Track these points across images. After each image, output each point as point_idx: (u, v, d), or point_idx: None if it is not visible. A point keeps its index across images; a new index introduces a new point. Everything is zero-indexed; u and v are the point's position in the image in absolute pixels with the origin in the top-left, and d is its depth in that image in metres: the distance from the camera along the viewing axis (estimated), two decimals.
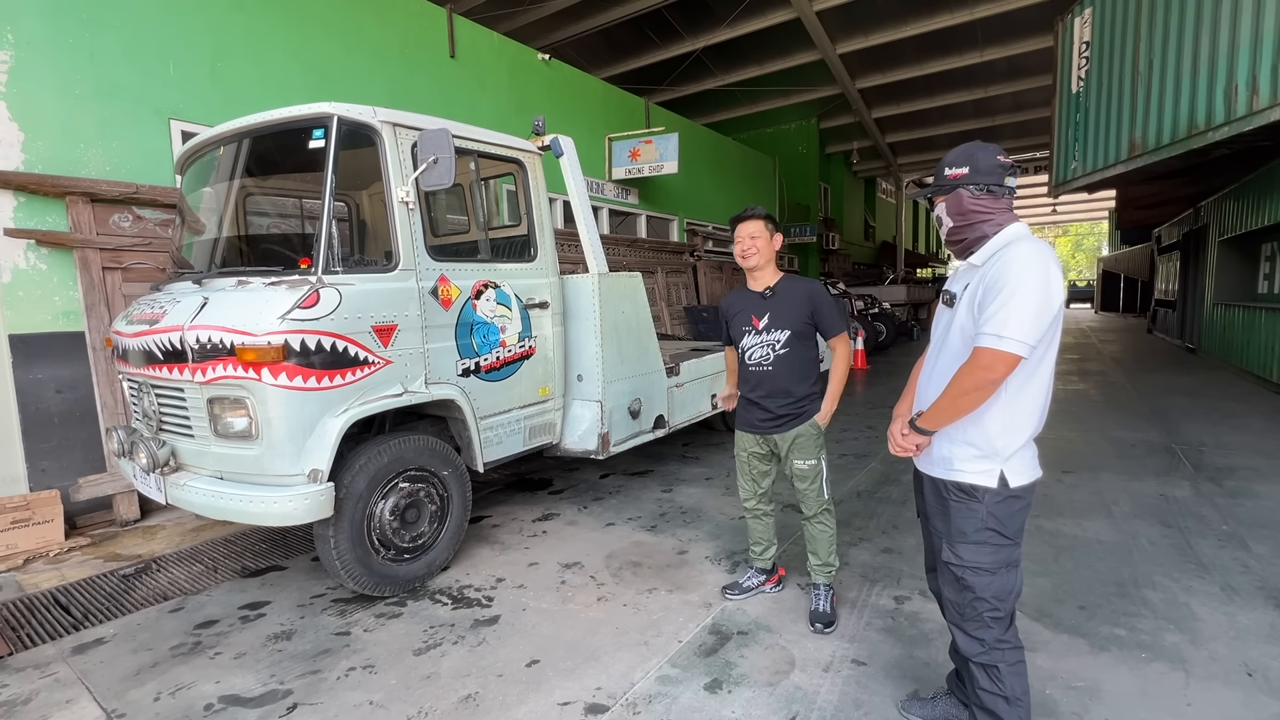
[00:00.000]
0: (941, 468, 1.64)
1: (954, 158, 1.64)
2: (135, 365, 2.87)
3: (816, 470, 2.52)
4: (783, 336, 2.45)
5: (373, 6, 5.77)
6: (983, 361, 1.45)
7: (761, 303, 2.50)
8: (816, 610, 2.54)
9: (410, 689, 2.19)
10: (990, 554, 1.57)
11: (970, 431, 1.58)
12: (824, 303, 2.45)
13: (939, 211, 1.68)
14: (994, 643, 1.58)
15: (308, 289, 2.53)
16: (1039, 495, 3.96)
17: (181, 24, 4.44)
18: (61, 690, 2.25)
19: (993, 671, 1.58)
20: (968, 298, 1.57)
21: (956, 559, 1.60)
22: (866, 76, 14.62)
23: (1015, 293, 1.43)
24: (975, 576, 1.57)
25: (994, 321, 1.43)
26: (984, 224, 1.60)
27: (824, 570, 2.59)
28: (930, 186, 1.69)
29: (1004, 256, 1.51)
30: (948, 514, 1.63)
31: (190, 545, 3.60)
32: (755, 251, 2.48)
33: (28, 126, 3.75)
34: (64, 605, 2.92)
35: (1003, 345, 1.43)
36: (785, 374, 2.46)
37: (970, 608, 1.59)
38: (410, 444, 2.92)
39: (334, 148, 2.67)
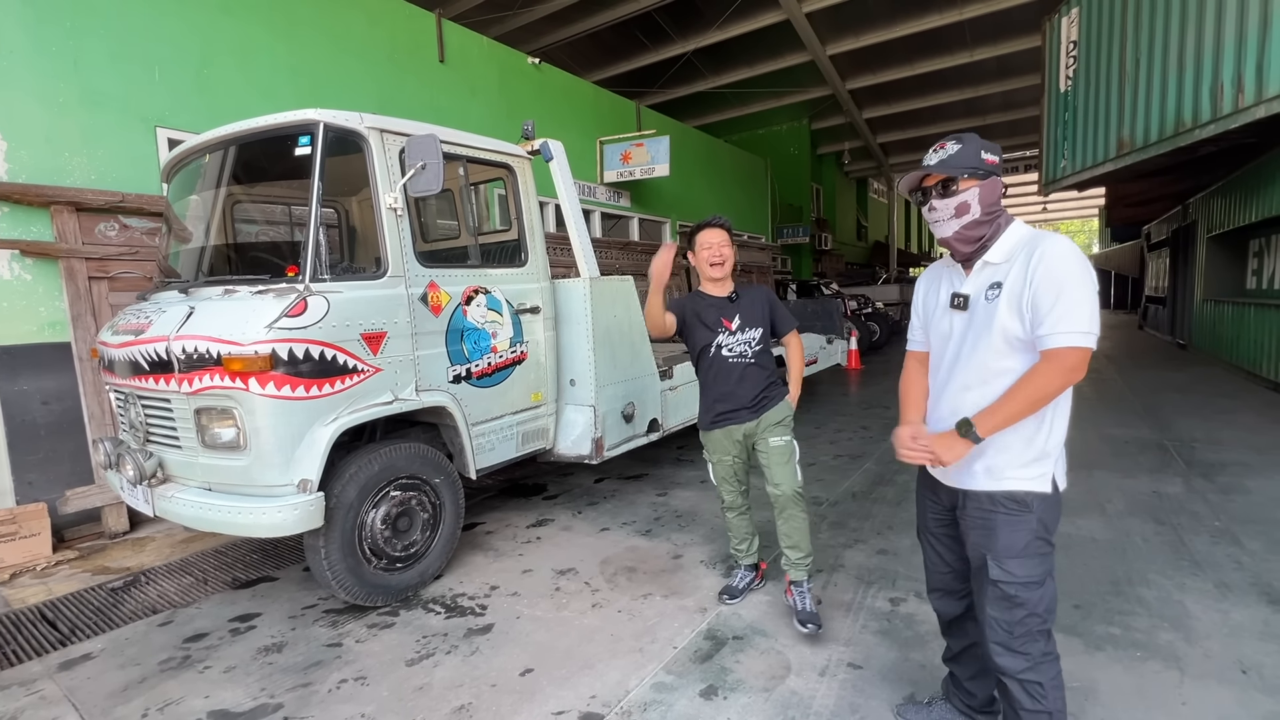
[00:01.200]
0: (986, 479, 1.52)
1: (984, 144, 1.53)
2: (121, 376, 2.83)
3: (791, 448, 2.58)
4: (757, 334, 2.61)
5: (361, 11, 5.75)
6: (1069, 362, 1.37)
7: (730, 306, 2.62)
8: (804, 610, 2.49)
9: (403, 700, 2.17)
10: (1039, 565, 1.50)
11: (1026, 435, 1.48)
12: (779, 304, 2.69)
13: (967, 198, 1.51)
14: (1040, 657, 1.51)
15: (295, 297, 2.51)
16: None
17: (167, 30, 4.40)
18: (47, 708, 2.22)
19: (1035, 689, 1.50)
20: (1009, 298, 1.45)
21: (1008, 575, 1.49)
22: (857, 77, 14.68)
23: (1079, 287, 1.38)
24: (1028, 591, 1.49)
25: (1070, 319, 1.36)
26: (1000, 216, 1.53)
27: (804, 563, 2.55)
28: (962, 166, 1.51)
29: (1046, 250, 1.42)
30: (993, 529, 1.51)
31: (180, 557, 3.56)
32: (723, 259, 2.57)
33: (11, 135, 3.71)
34: (51, 620, 2.88)
35: (1086, 341, 1.37)
36: (762, 367, 2.62)
37: (1022, 625, 1.50)
38: (401, 452, 2.90)
39: (320, 154, 2.65)
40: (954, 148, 1.53)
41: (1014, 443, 1.48)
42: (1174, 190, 10.87)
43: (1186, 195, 11.19)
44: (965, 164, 1.51)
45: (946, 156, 1.53)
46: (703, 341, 2.63)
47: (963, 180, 1.52)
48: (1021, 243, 1.49)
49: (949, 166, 1.52)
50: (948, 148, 1.54)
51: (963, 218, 1.52)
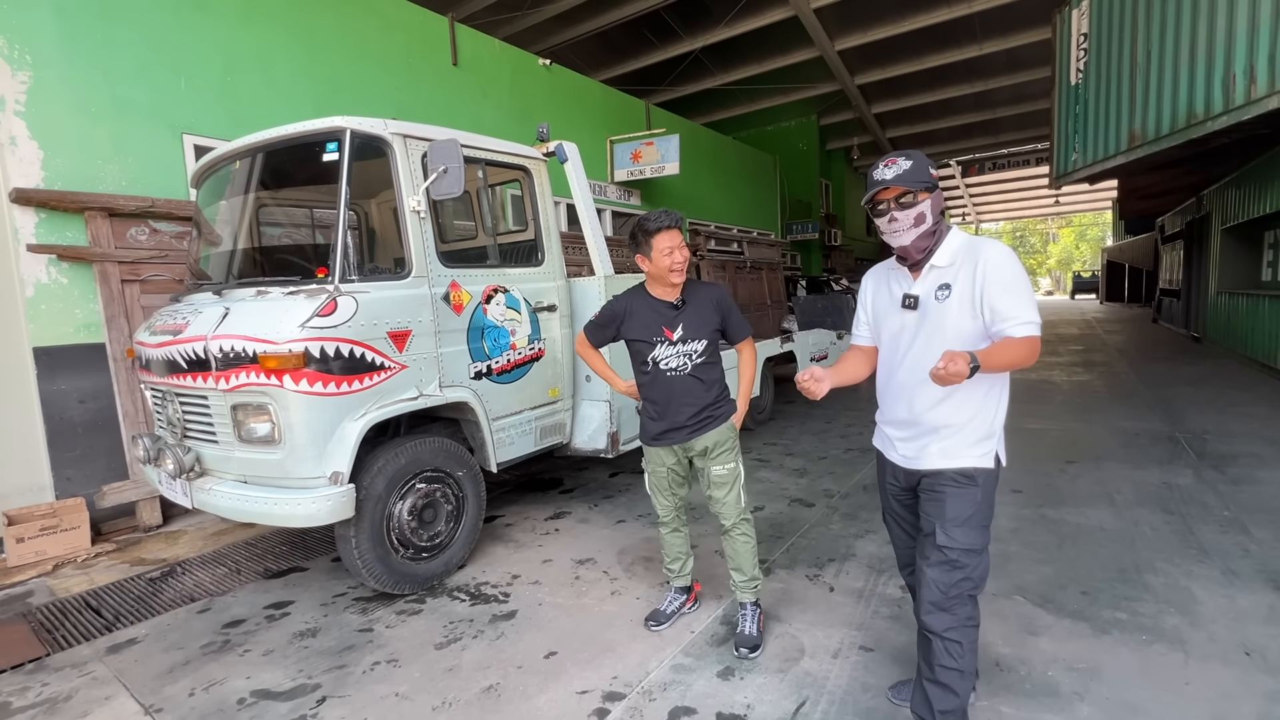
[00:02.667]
0: (941, 459, 1.73)
1: (926, 161, 1.69)
2: (159, 375, 2.96)
3: (735, 474, 2.39)
4: (700, 346, 2.35)
5: (377, 17, 5.87)
6: (1038, 347, 1.60)
7: (674, 313, 2.35)
8: (743, 633, 2.38)
9: (434, 681, 2.28)
10: (980, 536, 1.69)
11: (971, 414, 1.70)
12: (732, 309, 2.40)
13: (923, 209, 1.67)
14: (965, 619, 1.68)
15: (325, 297, 2.62)
16: (1042, 485, 4.03)
17: (192, 40, 4.54)
18: (100, 688, 2.34)
19: (955, 647, 1.67)
20: (961, 299, 1.65)
21: (953, 541, 1.67)
22: (865, 72, 14.65)
23: (1023, 284, 1.62)
24: (968, 558, 1.67)
25: (1022, 313, 1.58)
26: (942, 223, 1.73)
27: (750, 586, 2.42)
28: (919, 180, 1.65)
29: (987, 254, 1.64)
30: (944, 500, 1.71)
31: (213, 549, 3.70)
32: (684, 264, 2.29)
33: (47, 144, 3.85)
34: (95, 608, 3.02)
35: (1038, 330, 1.59)
36: (703, 382, 2.36)
37: (957, 588, 1.67)
38: (426, 446, 3.01)
39: (347, 160, 2.75)
40: (906, 163, 1.67)
41: (965, 426, 1.70)
42: (1187, 182, 10.78)
43: (1200, 187, 11.10)
44: (920, 178, 1.65)
45: (902, 171, 1.66)
46: (640, 353, 2.39)
47: (919, 193, 1.67)
48: (962, 248, 1.69)
49: (908, 181, 1.65)
50: (899, 163, 1.67)
51: (920, 227, 1.68)
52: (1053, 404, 6.58)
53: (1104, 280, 27.76)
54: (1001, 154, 22.38)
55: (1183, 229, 13.10)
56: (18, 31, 3.74)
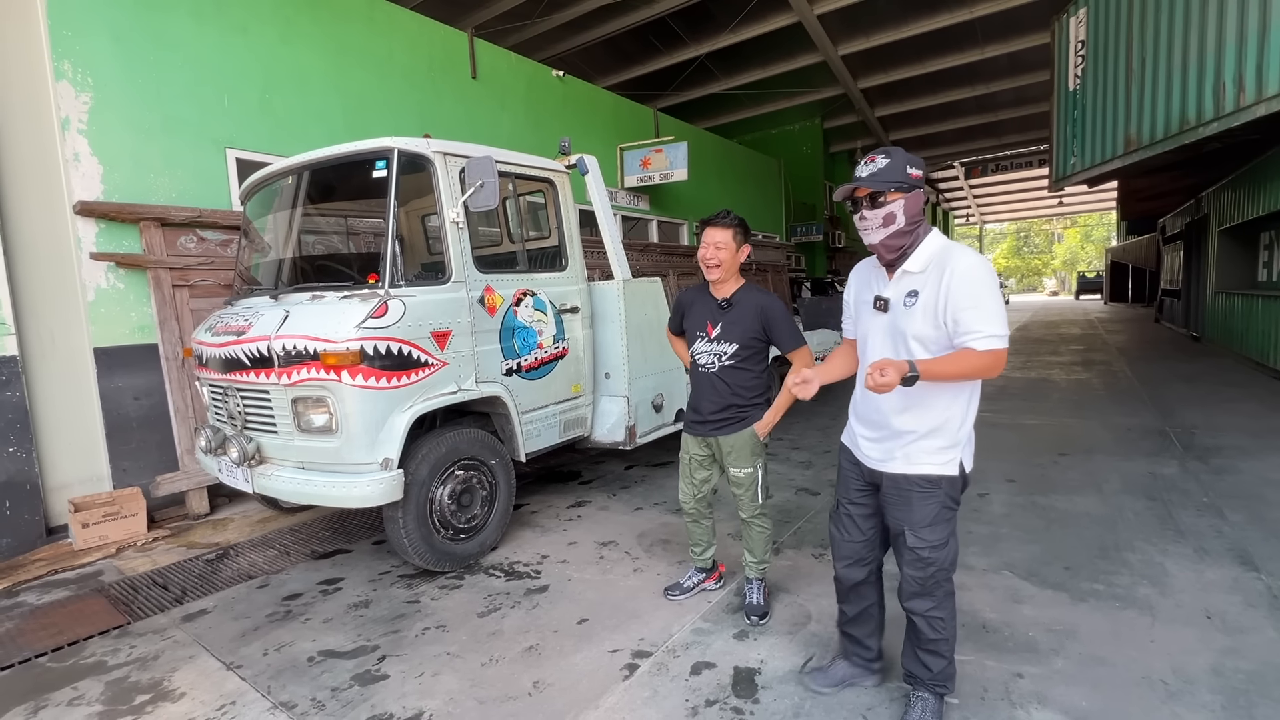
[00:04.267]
0: (904, 464, 1.77)
1: (908, 159, 1.67)
2: (220, 371, 3.25)
3: (752, 478, 2.53)
4: (730, 349, 2.42)
5: (402, 34, 6.17)
6: (1001, 360, 1.60)
7: (718, 312, 2.46)
8: (751, 603, 2.62)
9: (480, 642, 2.56)
10: (945, 529, 1.77)
11: (935, 422, 1.73)
12: (777, 318, 2.40)
13: (893, 209, 1.67)
14: (943, 598, 1.81)
15: (377, 301, 2.91)
16: (1035, 475, 4.28)
17: (235, 60, 4.84)
18: (182, 649, 2.63)
19: (937, 622, 1.81)
20: (925, 307, 1.66)
21: (922, 541, 1.76)
22: (869, 76, 14.91)
23: (990, 296, 1.59)
24: (937, 553, 1.76)
25: (987, 324, 1.58)
26: (920, 227, 1.71)
27: (757, 566, 2.66)
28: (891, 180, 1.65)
29: (955, 265, 1.62)
30: (910, 504, 1.77)
31: (260, 534, 3.99)
32: (718, 264, 2.39)
33: (106, 160, 4.16)
34: (162, 584, 3.31)
35: (1002, 343, 1.59)
36: (727, 384, 2.44)
37: (932, 579, 1.78)
38: (463, 436, 3.29)
39: (395, 176, 3.04)
40: (883, 162, 1.67)
41: (929, 434, 1.73)
42: (1185, 185, 11.00)
43: (1198, 189, 11.31)
44: (892, 178, 1.66)
45: (876, 170, 1.67)
46: (689, 342, 2.58)
47: (889, 193, 1.66)
48: (936, 255, 1.67)
49: (877, 181, 1.67)
50: (877, 161, 1.68)
51: (889, 227, 1.68)
52: (1050, 401, 6.81)
53: (1108, 280, 27.89)
54: (1004, 155, 22.59)
55: (1182, 230, 13.30)
56: (81, 56, 4.05)
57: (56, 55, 3.97)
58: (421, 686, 2.28)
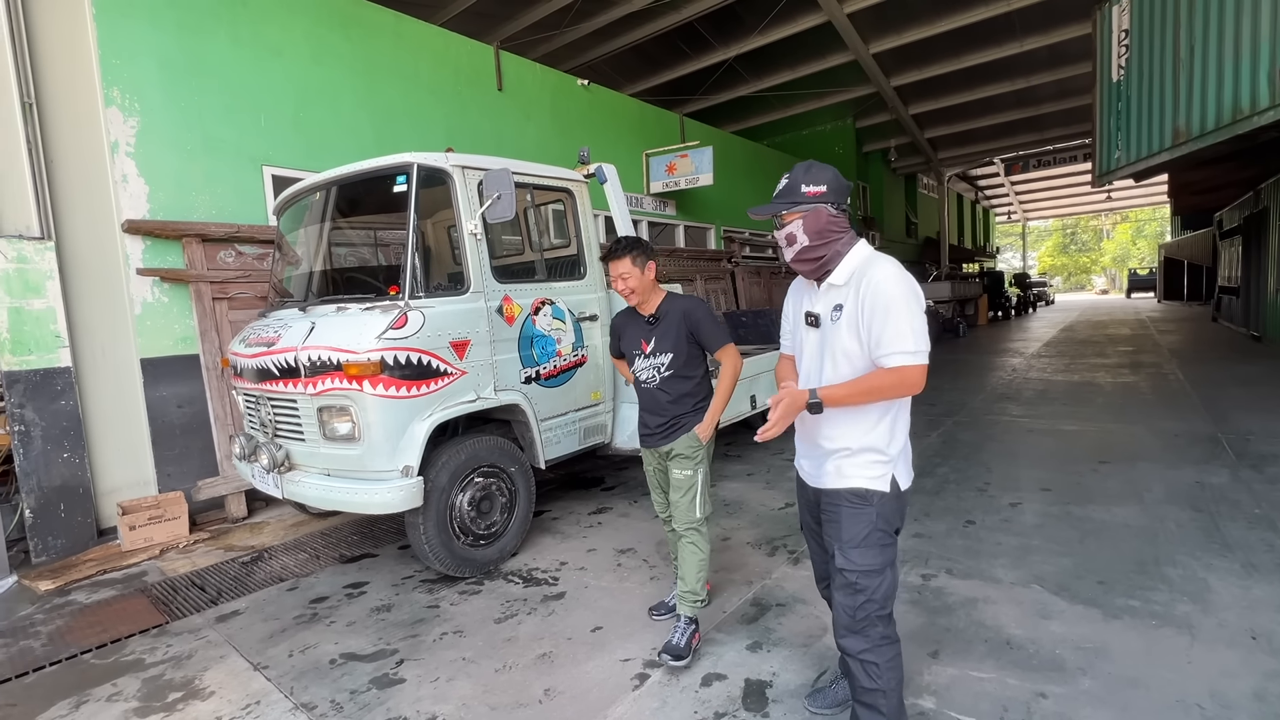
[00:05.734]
0: (836, 478, 1.70)
1: (808, 175, 1.64)
2: (253, 381, 3.38)
3: (691, 482, 2.45)
4: (666, 359, 2.46)
5: (429, 50, 6.33)
6: (903, 377, 1.54)
7: (647, 328, 2.52)
8: (670, 641, 2.39)
9: (495, 649, 2.59)
10: (878, 555, 1.65)
11: (862, 439, 1.66)
12: (701, 320, 2.45)
13: (792, 229, 1.64)
14: (878, 639, 1.66)
15: (397, 312, 2.98)
16: (1071, 484, 4.11)
17: (269, 81, 5.04)
18: (214, 649, 2.74)
19: (872, 668, 1.66)
20: (848, 321, 1.61)
21: (851, 563, 1.65)
22: (902, 74, 14.61)
23: (904, 310, 1.53)
24: (868, 579, 1.64)
25: (900, 340, 1.52)
26: (837, 241, 1.65)
27: (688, 599, 2.44)
28: (783, 201, 1.65)
29: (872, 277, 1.57)
30: (839, 520, 1.69)
31: (293, 538, 4.13)
32: (631, 290, 2.47)
33: (151, 180, 4.38)
34: (200, 585, 3.45)
35: (918, 359, 1.53)
36: (669, 394, 2.48)
37: (862, 610, 1.65)
38: (483, 444, 3.34)
39: (415, 190, 3.12)
40: (783, 182, 1.67)
41: (857, 448, 1.66)
42: (1242, 176, 10.44)
43: (1257, 181, 10.73)
44: (786, 199, 1.65)
45: (776, 191, 1.69)
46: (629, 362, 2.61)
47: (787, 214, 1.65)
48: (859, 267, 1.62)
49: (766, 209, 1.68)
50: (782, 181, 1.68)
51: (793, 246, 1.65)
52: (1093, 406, 6.54)
53: (1162, 278, 26.64)
54: (1047, 150, 21.82)
55: (1241, 224, 12.62)
56: (130, 83, 4.29)
57: (106, 83, 4.21)
58: (436, 691, 2.33)
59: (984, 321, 19.63)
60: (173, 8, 4.52)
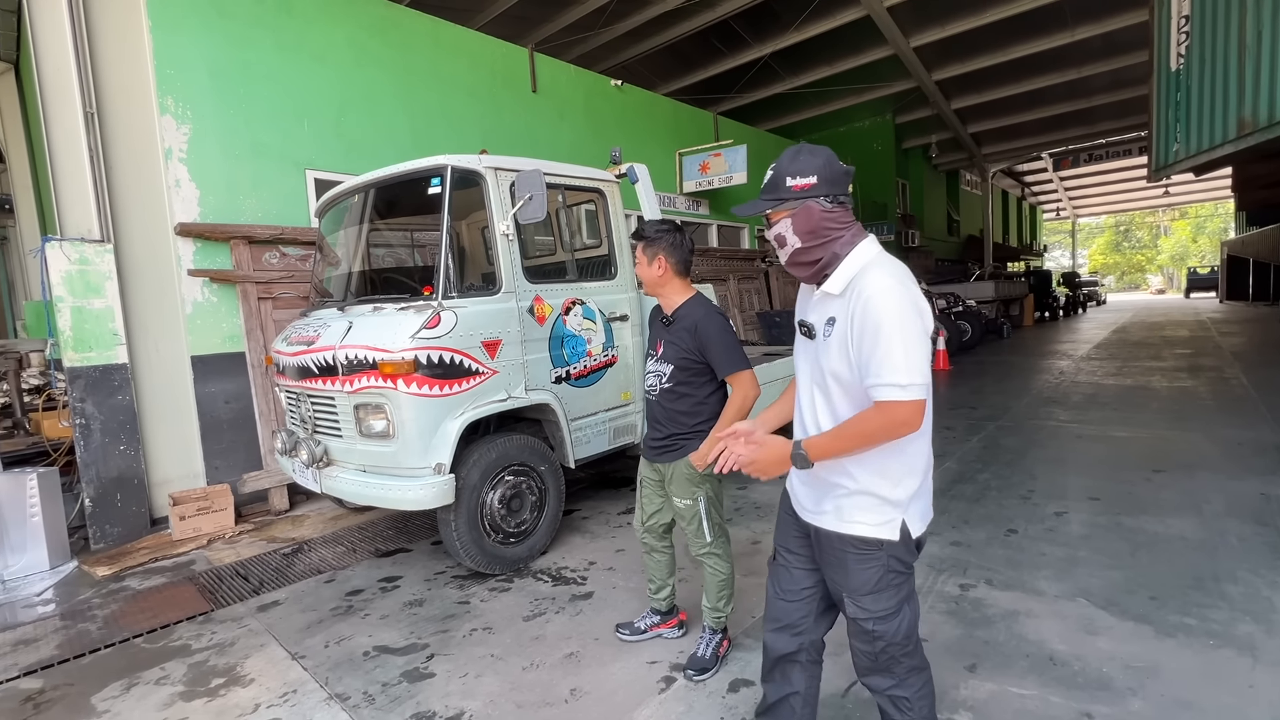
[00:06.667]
0: (836, 520, 1.46)
1: (794, 166, 1.40)
2: (294, 379, 3.48)
3: (694, 511, 2.31)
4: (667, 370, 2.25)
5: (466, 54, 6.43)
6: (892, 416, 1.29)
7: (663, 330, 2.31)
8: (695, 654, 2.37)
9: (523, 646, 2.61)
10: (893, 596, 1.45)
11: (865, 480, 1.41)
12: (712, 338, 2.16)
13: (780, 230, 1.42)
14: (905, 674, 1.50)
15: (431, 312, 3.03)
16: (1122, 493, 3.93)
17: (312, 86, 5.20)
18: (255, 638, 2.84)
19: (903, 702, 1.50)
20: (839, 338, 1.37)
21: (864, 612, 1.46)
22: (944, 67, 14.20)
23: (899, 329, 1.27)
24: (884, 624, 1.45)
25: (887, 370, 1.27)
26: (835, 241, 1.39)
27: (711, 614, 2.41)
28: (766, 199, 1.43)
29: (863, 289, 1.32)
30: (846, 567, 1.46)
31: (332, 531, 4.24)
32: (640, 283, 2.28)
33: (202, 185, 4.56)
34: (243, 575, 3.58)
35: (909, 394, 1.27)
36: (665, 408, 2.28)
37: (884, 654, 1.47)
38: (513, 442, 3.37)
39: (449, 191, 3.17)
40: (769, 174, 1.44)
41: (853, 487, 1.42)
42: None
43: None
44: (770, 195, 1.43)
45: (762, 187, 1.47)
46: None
47: (774, 213, 1.44)
48: (856, 275, 1.36)
49: (749, 208, 1.47)
50: (768, 174, 1.46)
51: (785, 249, 1.44)
52: (1147, 411, 6.24)
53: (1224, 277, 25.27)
54: (1099, 144, 20.92)
55: None
56: (183, 92, 4.47)
57: (161, 92, 4.40)
58: (464, 687, 2.36)
59: (1030, 322, 18.94)
60: (222, 18, 4.70)
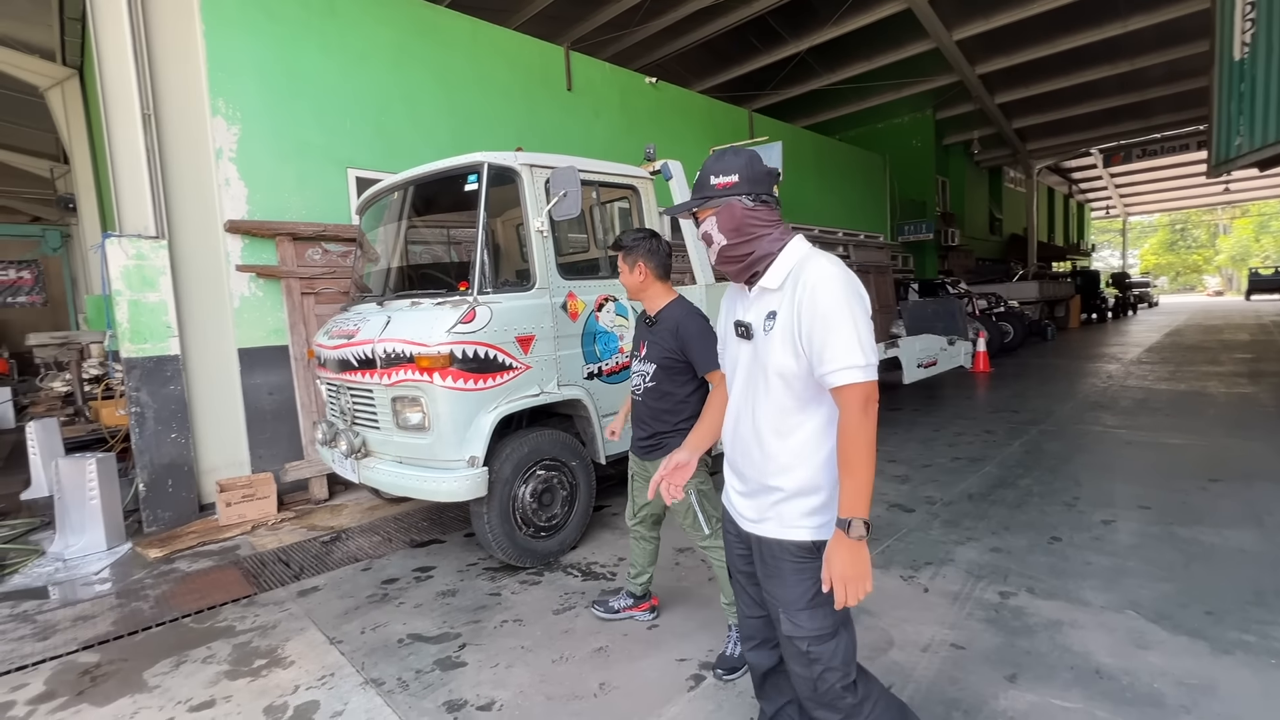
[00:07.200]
0: (777, 526, 1.42)
1: (718, 165, 1.43)
2: (334, 371, 3.58)
3: (686, 505, 2.35)
4: (651, 369, 2.33)
5: (502, 53, 6.51)
6: (855, 400, 1.28)
7: (647, 331, 2.39)
8: (723, 653, 2.36)
9: (553, 639, 2.63)
10: (828, 617, 1.40)
11: (804, 475, 1.39)
12: (692, 336, 2.25)
13: (707, 228, 1.45)
14: (850, 710, 1.42)
15: (466, 307, 3.08)
16: (1175, 503, 3.76)
17: (354, 87, 5.33)
18: (295, 622, 2.93)
19: None
20: (782, 331, 1.37)
21: (798, 629, 1.40)
22: (988, 61, 13.80)
23: (849, 313, 1.29)
24: (819, 645, 1.39)
25: (844, 353, 1.27)
26: (763, 239, 1.41)
27: (729, 608, 2.40)
28: (693, 199, 1.46)
29: (807, 279, 1.33)
30: (783, 578, 1.42)
31: (368, 521, 4.35)
32: (625, 287, 2.40)
33: (250, 183, 4.72)
34: (285, 561, 3.69)
35: (870, 374, 1.28)
36: (650, 407, 2.35)
37: (822, 680, 1.40)
38: (545, 437, 3.40)
39: (485, 188, 3.21)
40: (697, 177, 1.47)
41: (800, 495, 1.39)
42: None
43: None
44: (697, 194, 1.45)
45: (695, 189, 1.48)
46: None
47: (701, 211, 1.46)
48: (794, 268, 1.38)
49: (679, 208, 1.51)
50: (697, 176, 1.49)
51: (713, 246, 1.45)
52: (1203, 418, 5.95)
53: None
54: (1154, 139, 20.06)
55: None
56: (233, 94, 4.63)
57: (213, 94, 4.57)
58: (495, 677, 2.39)
59: (1075, 324, 18.27)
60: (270, 20, 4.85)
